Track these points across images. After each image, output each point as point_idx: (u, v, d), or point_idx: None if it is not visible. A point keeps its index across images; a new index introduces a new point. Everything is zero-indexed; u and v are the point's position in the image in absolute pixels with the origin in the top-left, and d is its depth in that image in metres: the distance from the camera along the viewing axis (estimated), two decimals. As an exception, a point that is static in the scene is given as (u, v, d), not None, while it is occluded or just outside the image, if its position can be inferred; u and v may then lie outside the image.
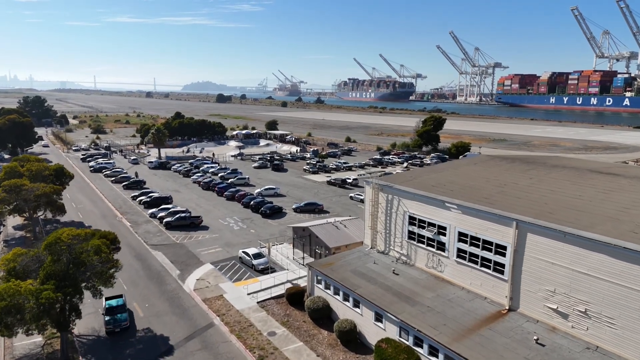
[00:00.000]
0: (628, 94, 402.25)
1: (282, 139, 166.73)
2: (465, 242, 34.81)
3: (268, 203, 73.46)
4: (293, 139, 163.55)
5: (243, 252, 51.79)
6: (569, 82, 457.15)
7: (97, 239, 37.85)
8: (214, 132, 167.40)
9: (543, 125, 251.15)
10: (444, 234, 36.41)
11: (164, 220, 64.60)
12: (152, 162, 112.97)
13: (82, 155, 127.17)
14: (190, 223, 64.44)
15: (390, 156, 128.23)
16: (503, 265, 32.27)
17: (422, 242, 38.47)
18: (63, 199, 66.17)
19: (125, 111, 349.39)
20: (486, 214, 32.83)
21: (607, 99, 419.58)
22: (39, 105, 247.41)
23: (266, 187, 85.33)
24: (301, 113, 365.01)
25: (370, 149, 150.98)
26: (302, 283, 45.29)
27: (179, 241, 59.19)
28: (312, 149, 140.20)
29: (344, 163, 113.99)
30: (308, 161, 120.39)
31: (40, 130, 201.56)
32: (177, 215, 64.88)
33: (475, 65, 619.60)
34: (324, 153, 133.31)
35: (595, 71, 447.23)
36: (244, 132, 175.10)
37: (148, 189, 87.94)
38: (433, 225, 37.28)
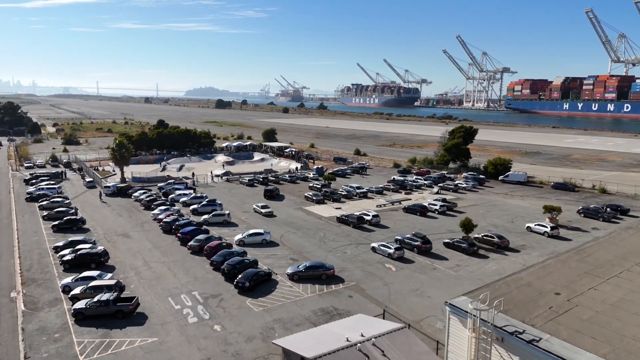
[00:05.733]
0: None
1: (280, 153, 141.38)
2: None
3: (249, 265, 48.09)
4: (293, 152, 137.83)
5: (183, 410, 26.42)
6: (584, 87, 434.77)
7: None
8: (200, 144, 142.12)
9: (573, 135, 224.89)
10: None
11: (74, 308, 39.22)
12: (109, 187, 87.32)
13: (30, 174, 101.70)
14: (116, 311, 39.06)
15: (414, 177, 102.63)
16: None
17: None
18: None
19: (116, 117, 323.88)
20: None
21: (625, 105, 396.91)
22: (12, 112, 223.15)
23: (251, 231, 59.72)
24: (303, 120, 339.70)
25: (386, 165, 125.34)
26: None
27: (83, 356, 33.83)
28: (315, 167, 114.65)
29: (358, 187, 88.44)
30: (311, 184, 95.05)
31: (4, 140, 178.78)
32: (97, 298, 39.50)
33: (482, 70, 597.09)
34: (330, 172, 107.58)
35: (612, 76, 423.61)
36: (235, 144, 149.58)
37: (86, 231, 62.70)
38: None
